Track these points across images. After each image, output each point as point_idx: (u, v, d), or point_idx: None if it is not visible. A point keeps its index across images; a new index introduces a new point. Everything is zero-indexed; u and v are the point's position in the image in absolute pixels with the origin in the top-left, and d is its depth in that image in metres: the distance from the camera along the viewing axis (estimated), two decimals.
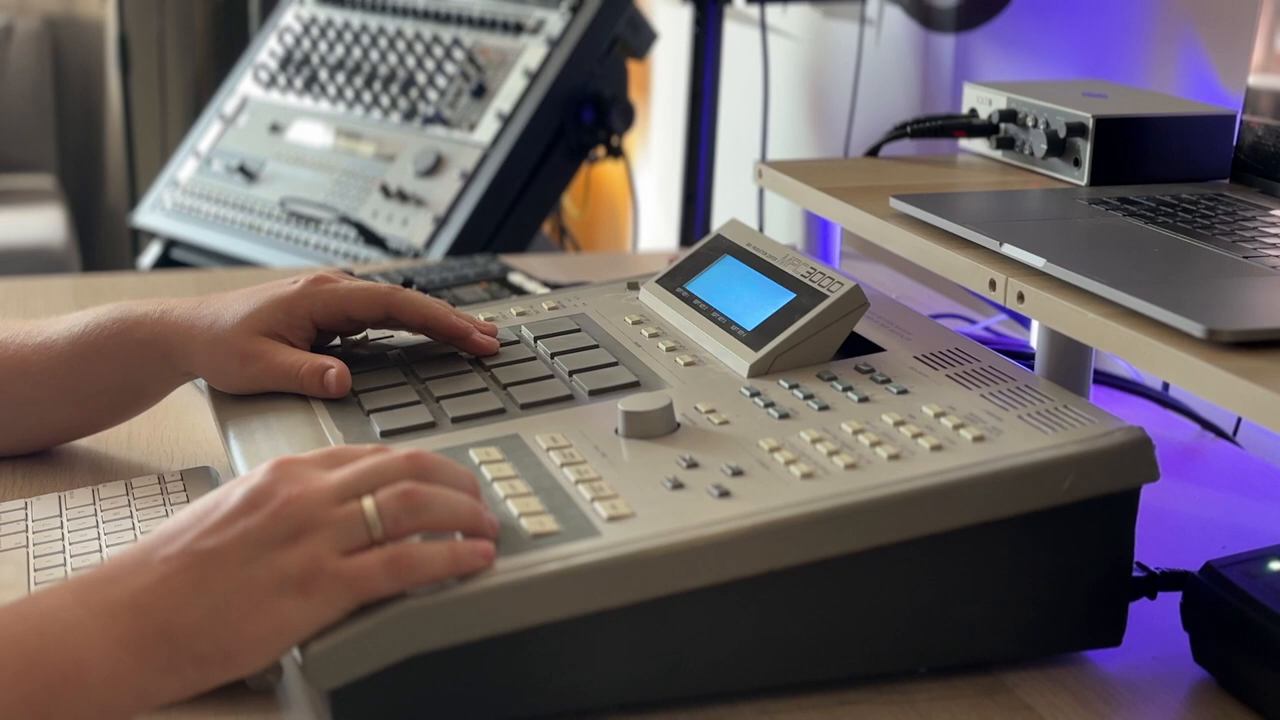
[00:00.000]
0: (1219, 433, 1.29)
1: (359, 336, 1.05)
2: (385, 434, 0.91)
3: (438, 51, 2.12)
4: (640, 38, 2.12)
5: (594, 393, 0.94)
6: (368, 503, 0.74)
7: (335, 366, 0.96)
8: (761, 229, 1.97)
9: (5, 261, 3.23)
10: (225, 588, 0.70)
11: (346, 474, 0.75)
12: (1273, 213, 1.09)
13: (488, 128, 1.98)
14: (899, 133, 1.32)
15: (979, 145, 1.32)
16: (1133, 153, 1.20)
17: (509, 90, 2.01)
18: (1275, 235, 1.03)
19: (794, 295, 0.98)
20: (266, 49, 2.30)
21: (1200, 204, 1.11)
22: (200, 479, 1.01)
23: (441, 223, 1.91)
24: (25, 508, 0.97)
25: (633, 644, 0.79)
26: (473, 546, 0.75)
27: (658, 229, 2.85)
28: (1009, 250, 1.00)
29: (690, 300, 1.04)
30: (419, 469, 0.77)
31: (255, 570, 0.71)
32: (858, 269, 1.73)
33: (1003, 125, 1.27)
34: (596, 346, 1.01)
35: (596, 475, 0.83)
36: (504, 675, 0.77)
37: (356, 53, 2.20)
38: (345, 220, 1.95)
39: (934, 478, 0.81)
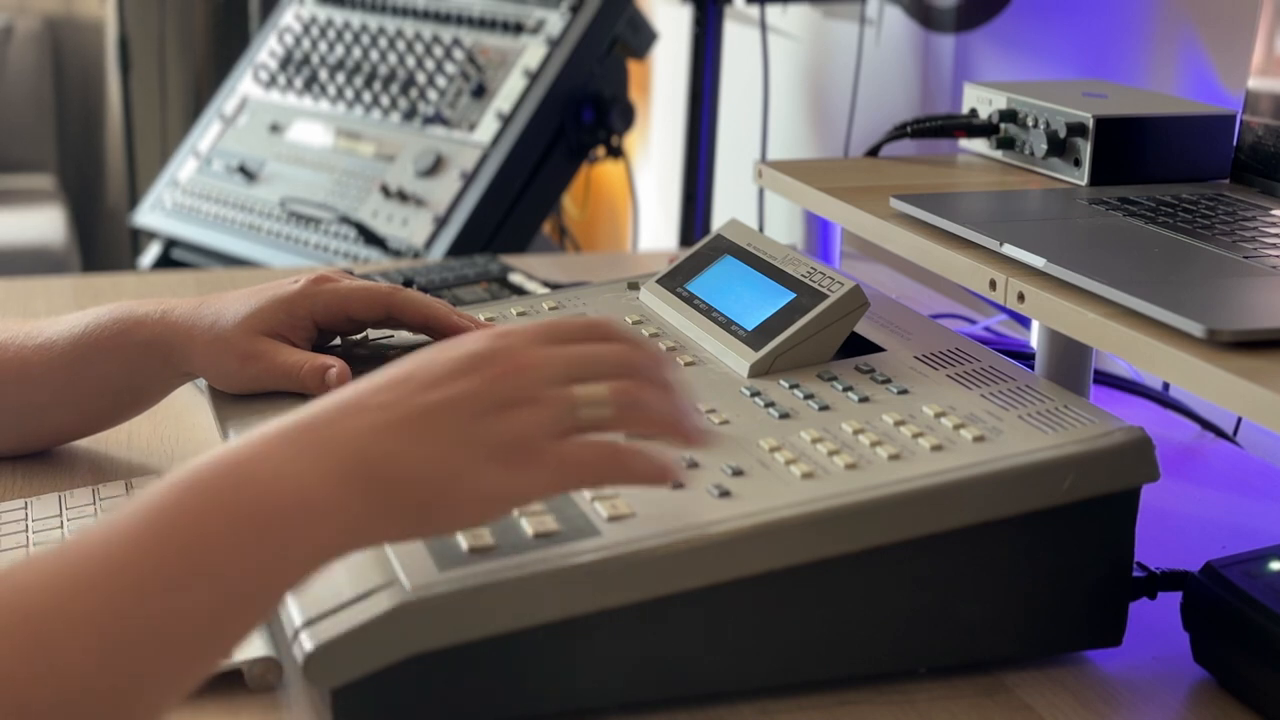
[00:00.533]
0: (1219, 433, 1.29)
1: (359, 336, 1.05)
2: None
3: (438, 51, 2.12)
4: (640, 38, 2.12)
5: None
6: (584, 392, 0.72)
7: (336, 366, 0.96)
8: (761, 229, 1.97)
9: (5, 261, 3.23)
10: (445, 442, 0.69)
11: (571, 355, 0.74)
12: (1273, 213, 1.09)
13: (488, 128, 1.98)
14: (899, 133, 1.32)
15: (979, 145, 1.32)
16: (1133, 153, 1.20)
17: (509, 90, 2.01)
18: (1275, 235, 1.03)
19: (794, 295, 0.98)
20: (266, 49, 2.30)
21: (1200, 204, 1.11)
22: None
23: (441, 223, 1.91)
24: (25, 508, 0.97)
25: (633, 644, 0.79)
26: (680, 465, 0.76)
27: (658, 229, 2.85)
28: (1009, 250, 1.00)
29: (690, 300, 1.04)
30: (639, 366, 0.75)
31: (474, 430, 0.70)
32: (858, 269, 1.73)
33: (1003, 125, 1.27)
34: None
35: None
36: (504, 675, 0.77)
37: (356, 53, 2.20)
38: (345, 220, 1.95)
39: (934, 478, 0.81)
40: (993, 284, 0.99)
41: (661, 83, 2.88)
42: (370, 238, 1.92)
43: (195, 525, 0.64)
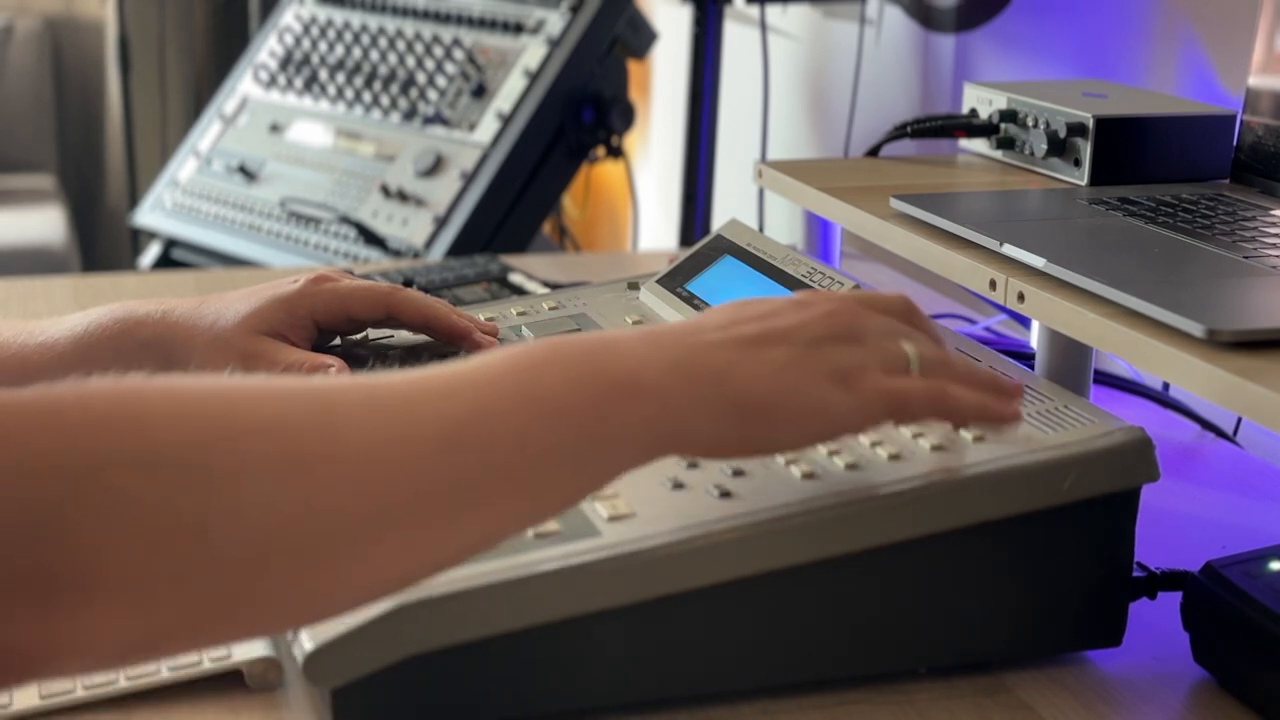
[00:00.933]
0: (1219, 433, 1.29)
1: (359, 336, 1.05)
2: None
3: (438, 51, 2.12)
4: (640, 38, 2.12)
5: None
6: (909, 347, 0.76)
7: (335, 364, 0.97)
8: (761, 229, 1.97)
9: (5, 261, 3.23)
10: (779, 357, 0.71)
11: (883, 320, 0.77)
12: (1273, 213, 1.09)
13: (488, 128, 1.98)
14: (899, 133, 1.32)
15: (979, 145, 1.32)
16: (1133, 153, 1.20)
17: (509, 90, 2.01)
18: (1275, 235, 1.03)
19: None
20: (266, 49, 2.30)
21: (1200, 204, 1.11)
22: None
23: (441, 223, 1.91)
24: None
25: (633, 644, 0.79)
26: (1004, 406, 0.77)
27: (658, 229, 2.85)
28: (1009, 250, 1.00)
29: (690, 300, 1.04)
30: (937, 335, 0.79)
31: (811, 353, 0.72)
32: (858, 269, 1.73)
33: (1003, 125, 1.27)
34: None
35: None
36: (504, 675, 0.77)
37: (356, 53, 2.20)
38: (345, 220, 1.95)
39: (934, 478, 0.81)
40: (993, 284, 0.99)
41: (661, 83, 2.88)
42: (370, 238, 1.92)
43: (547, 378, 0.65)
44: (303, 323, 1.00)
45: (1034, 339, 1.26)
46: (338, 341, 1.05)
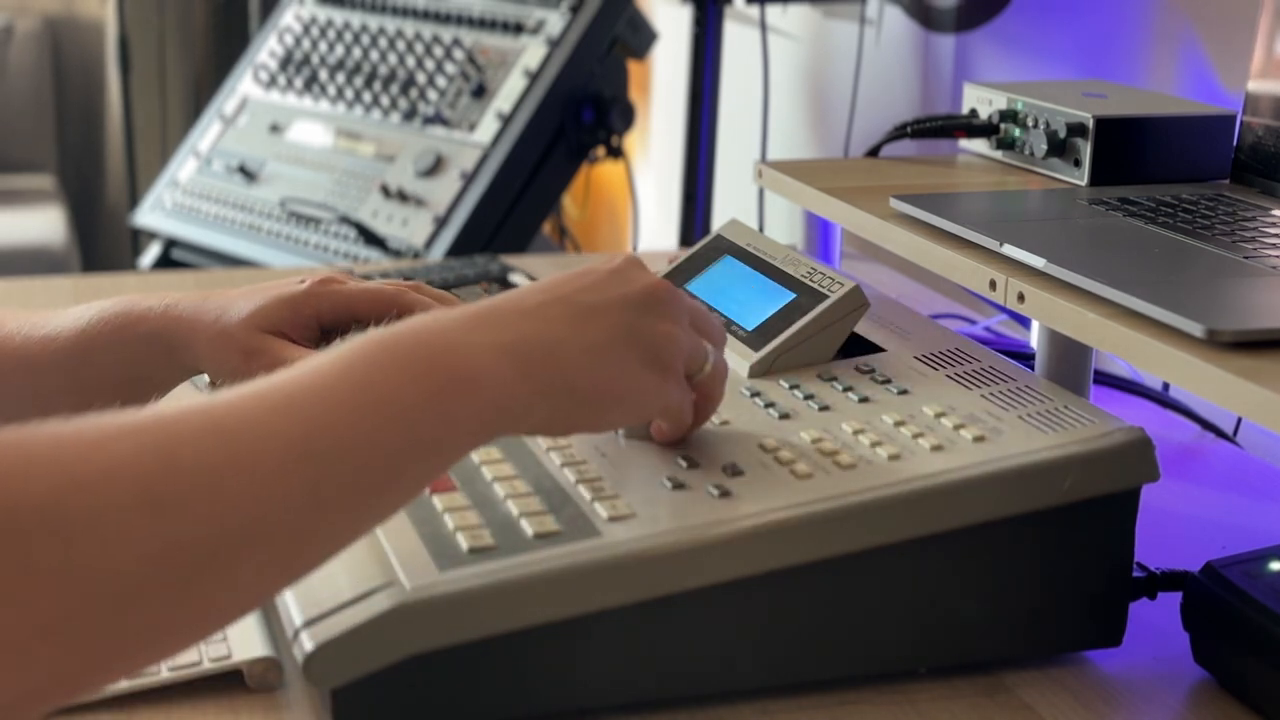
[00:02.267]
0: (1219, 433, 1.29)
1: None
2: None
3: (438, 51, 2.12)
4: (640, 38, 2.12)
5: None
6: (709, 347, 0.81)
7: None
8: (761, 229, 1.97)
9: (5, 261, 3.23)
10: (603, 337, 0.74)
11: (696, 306, 0.81)
12: (1273, 213, 1.09)
13: (488, 128, 1.98)
14: (899, 133, 1.32)
15: (979, 145, 1.32)
16: (1133, 153, 1.20)
17: (509, 90, 2.01)
18: (1275, 235, 1.03)
19: (794, 295, 0.98)
20: (266, 49, 2.30)
21: (1200, 204, 1.11)
22: None
23: (441, 223, 1.91)
24: None
25: (633, 644, 0.79)
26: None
27: (658, 229, 2.85)
28: (1009, 250, 1.00)
29: None
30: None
31: (630, 330, 0.75)
32: (858, 269, 1.73)
33: (1003, 125, 1.27)
34: None
35: (597, 475, 0.83)
36: (504, 675, 0.77)
37: (356, 53, 2.20)
38: (345, 220, 1.95)
39: (934, 478, 0.81)
40: (993, 284, 0.99)
41: (661, 83, 2.88)
42: (370, 238, 1.92)
43: (384, 378, 0.66)
44: (307, 323, 1.00)
45: (1034, 339, 1.26)
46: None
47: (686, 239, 2.20)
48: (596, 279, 0.76)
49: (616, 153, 2.10)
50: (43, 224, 3.52)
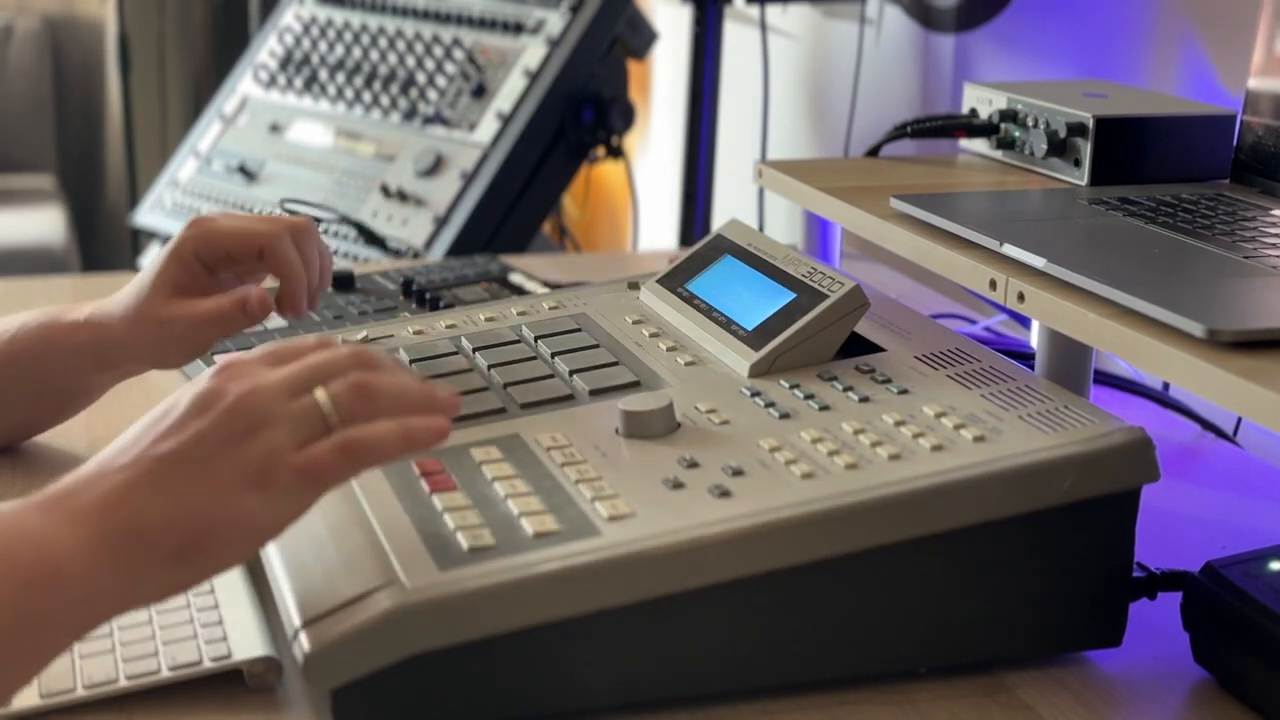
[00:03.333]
0: (1219, 433, 1.29)
1: (359, 337, 1.05)
2: None
3: (438, 51, 2.12)
4: (640, 38, 2.12)
5: (594, 392, 0.94)
6: (320, 394, 0.73)
7: (254, 292, 0.98)
8: (761, 229, 1.97)
9: (5, 261, 3.23)
10: (187, 485, 0.70)
11: (296, 369, 0.74)
12: (1273, 213, 1.09)
13: (488, 128, 1.98)
14: (899, 133, 1.32)
15: (979, 145, 1.32)
16: (1133, 153, 1.20)
17: (509, 90, 2.01)
18: (1275, 235, 1.03)
19: (794, 295, 0.98)
20: (266, 49, 2.30)
21: (1200, 204, 1.11)
22: None
23: (441, 223, 1.91)
24: None
25: (633, 644, 0.79)
26: (426, 423, 0.74)
27: (658, 229, 2.85)
28: (1009, 250, 1.00)
29: (690, 300, 1.04)
30: (365, 361, 0.76)
31: (214, 466, 0.70)
32: (858, 269, 1.73)
33: (1003, 125, 1.27)
34: (597, 346, 1.01)
35: (597, 475, 0.83)
36: (504, 675, 0.77)
37: (356, 53, 2.20)
38: (345, 220, 1.95)
39: (934, 478, 0.81)
40: (993, 284, 0.99)
41: (661, 83, 2.88)
42: (370, 238, 1.92)
43: None
44: (193, 269, 1.01)
45: (1034, 339, 1.26)
46: (339, 340, 1.04)
47: (686, 239, 2.20)
48: (176, 418, 0.72)
49: (616, 153, 2.10)
50: (43, 224, 3.52)
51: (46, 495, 0.70)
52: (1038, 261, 0.97)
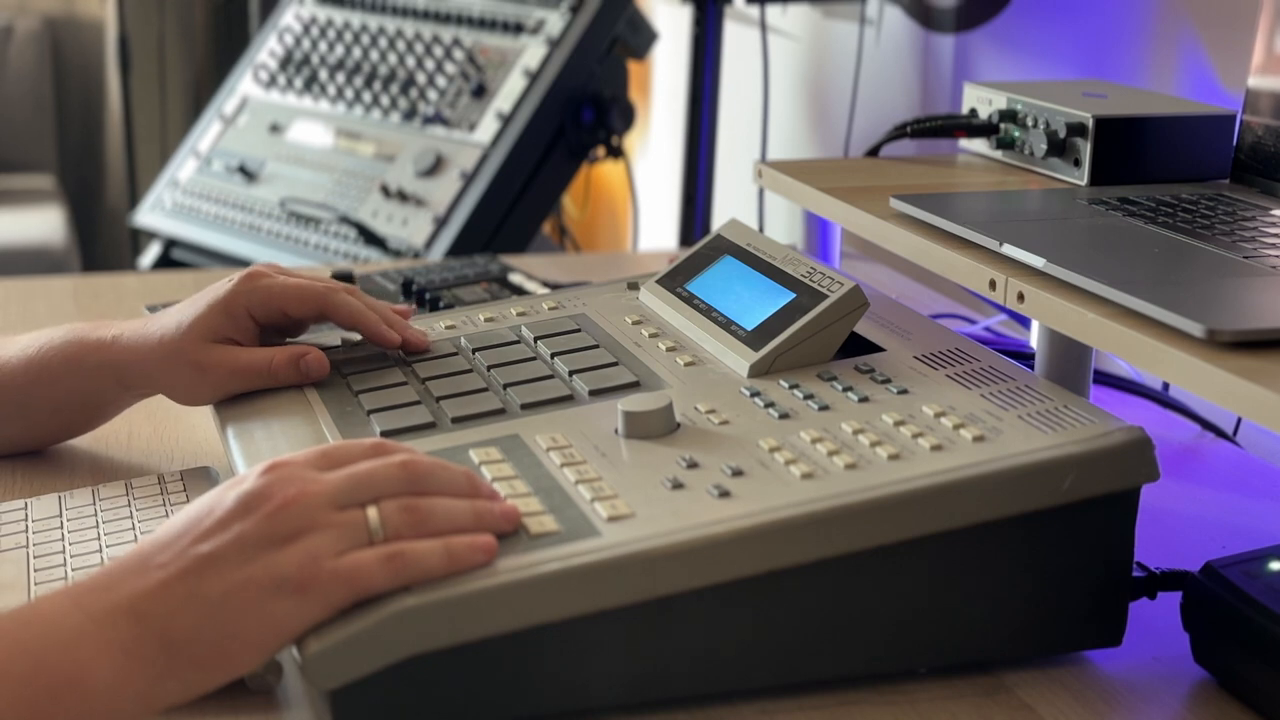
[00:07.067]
0: (1219, 433, 1.29)
1: (358, 338, 1.05)
2: (385, 434, 0.91)
3: (438, 51, 2.12)
4: (640, 38, 2.12)
5: (594, 393, 0.94)
6: (372, 514, 0.74)
7: (311, 353, 0.97)
8: (761, 229, 1.97)
9: (5, 261, 3.23)
10: (221, 590, 0.70)
11: (343, 480, 0.75)
12: (1273, 213, 1.09)
13: (488, 128, 1.99)
14: (899, 133, 1.32)
15: (979, 145, 1.32)
16: (1133, 153, 1.20)
17: (509, 90, 2.01)
18: (1275, 235, 1.03)
19: (794, 295, 0.98)
20: (266, 49, 2.30)
21: (1200, 204, 1.11)
22: (200, 479, 1.01)
23: (441, 223, 1.91)
24: (25, 508, 0.97)
25: (633, 644, 0.79)
26: (470, 542, 0.75)
27: (658, 229, 2.85)
28: (1009, 250, 1.00)
29: (690, 300, 1.04)
30: (414, 476, 0.77)
31: (252, 571, 0.71)
32: (858, 269, 1.73)
33: (1003, 125, 1.27)
34: (596, 346, 1.01)
35: (596, 475, 0.83)
36: (504, 675, 0.77)
37: (356, 53, 2.20)
38: (345, 220, 1.95)
39: (934, 478, 0.81)
40: (993, 284, 0.99)
41: (661, 83, 2.88)
42: (370, 238, 1.92)
43: None
44: (242, 322, 0.99)
45: (1034, 339, 1.26)
46: (338, 342, 1.04)
47: (686, 239, 2.20)
48: (220, 516, 0.72)
49: (616, 153, 2.10)
50: (43, 224, 3.52)
51: (83, 586, 0.70)
52: (1037, 261, 0.97)
